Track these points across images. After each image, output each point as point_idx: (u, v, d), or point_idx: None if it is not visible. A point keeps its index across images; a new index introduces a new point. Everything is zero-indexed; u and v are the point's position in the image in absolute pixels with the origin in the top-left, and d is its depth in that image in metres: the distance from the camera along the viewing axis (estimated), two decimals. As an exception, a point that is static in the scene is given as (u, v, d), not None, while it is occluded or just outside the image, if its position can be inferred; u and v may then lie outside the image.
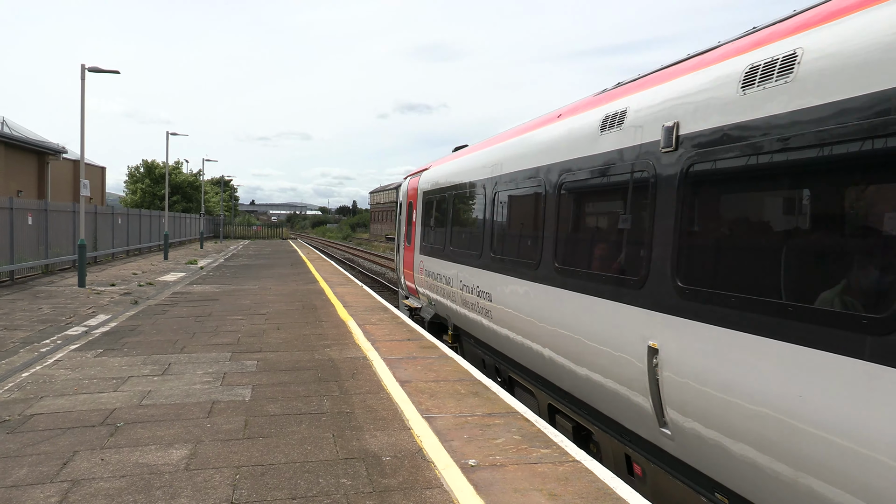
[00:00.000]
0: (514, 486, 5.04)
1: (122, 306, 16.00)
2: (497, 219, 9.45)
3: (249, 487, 5.03)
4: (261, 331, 12.18)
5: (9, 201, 21.47)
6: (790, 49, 4.18)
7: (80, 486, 5.01)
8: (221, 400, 7.47)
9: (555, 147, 7.52)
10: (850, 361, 3.49)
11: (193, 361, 9.47)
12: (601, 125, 6.43)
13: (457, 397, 7.56)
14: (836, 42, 3.84)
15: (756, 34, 4.84)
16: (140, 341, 11.00)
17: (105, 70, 22.10)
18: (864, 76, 3.57)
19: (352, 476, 5.27)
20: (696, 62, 5.40)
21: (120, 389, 7.88)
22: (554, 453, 5.76)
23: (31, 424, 6.52)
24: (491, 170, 9.77)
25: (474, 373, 8.79)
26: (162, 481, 5.12)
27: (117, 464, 5.48)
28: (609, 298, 5.91)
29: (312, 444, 6.01)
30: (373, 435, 6.27)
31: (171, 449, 5.85)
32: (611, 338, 5.85)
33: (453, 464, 5.48)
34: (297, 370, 8.98)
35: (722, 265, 4.73)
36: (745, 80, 4.49)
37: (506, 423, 6.62)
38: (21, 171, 32.94)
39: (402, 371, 8.85)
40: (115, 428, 6.43)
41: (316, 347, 10.60)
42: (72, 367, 9.01)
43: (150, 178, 65.62)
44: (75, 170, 39.19)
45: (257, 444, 6.00)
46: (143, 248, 40.55)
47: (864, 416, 3.40)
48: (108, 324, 12.95)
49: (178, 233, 52.75)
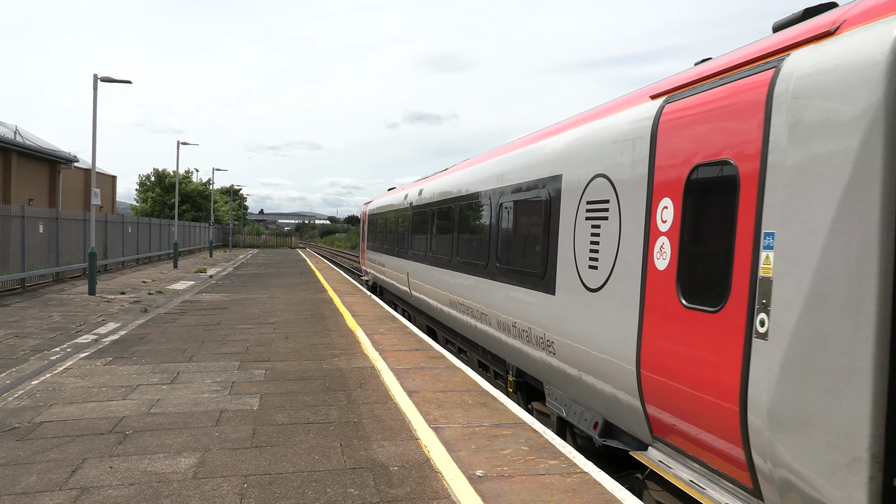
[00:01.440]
0: (521, 497, 5.02)
1: (131, 314, 16.08)
2: (396, 230, 19.07)
3: (257, 496, 5.04)
4: (269, 340, 12.21)
5: (20, 209, 21.66)
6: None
7: (89, 494, 5.03)
8: (230, 409, 7.49)
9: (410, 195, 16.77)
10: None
11: (202, 370, 9.50)
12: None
13: (465, 408, 7.55)
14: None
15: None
16: (149, 350, 11.04)
17: (117, 80, 22.30)
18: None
19: (359, 486, 5.26)
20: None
21: (129, 398, 7.91)
22: (562, 465, 5.73)
23: (41, 432, 6.56)
24: (404, 199, 18.22)
25: (482, 383, 8.77)
26: (170, 489, 5.14)
27: (126, 472, 5.50)
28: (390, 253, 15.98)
29: (320, 454, 6.01)
30: (380, 445, 6.27)
31: (180, 457, 5.87)
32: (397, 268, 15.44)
33: (461, 474, 5.46)
34: (305, 379, 8.99)
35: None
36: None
37: (514, 433, 6.60)
38: (33, 179, 33.24)
39: (409, 381, 8.84)
40: (123, 436, 6.45)
41: (324, 357, 10.61)
42: (81, 375, 9.05)
43: (160, 187, 66.04)
44: (86, 178, 39.50)
45: (265, 453, 6.01)
46: (153, 256, 40.77)
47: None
48: (118, 332, 13.01)
49: (187, 241, 53.01)
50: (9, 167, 30.53)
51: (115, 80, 22.26)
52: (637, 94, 6.26)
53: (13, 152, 30.88)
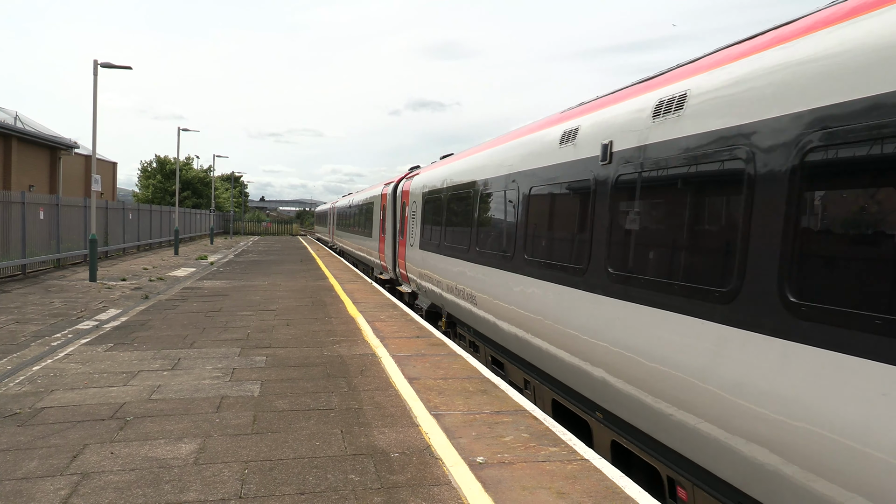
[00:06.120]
0: (521, 483, 5.03)
1: (132, 301, 16.09)
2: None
3: (258, 482, 5.04)
4: (270, 326, 12.21)
5: (21, 196, 21.62)
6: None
7: (90, 479, 5.04)
8: (230, 395, 7.49)
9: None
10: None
11: (203, 357, 9.51)
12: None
13: (465, 395, 7.55)
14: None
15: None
16: (150, 336, 11.05)
17: (118, 66, 22.19)
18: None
19: (360, 472, 5.27)
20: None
21: (130, 384, 7.91)
22: (562, 451, 5.74)
23: (42, 418, 6.56)
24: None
25: (483, 370, 8.78)
26: (171, 475, 5.14)
27: (127, 457, 5.50)
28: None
29: (321, 440, 6.02)
30: (381, 431, 6.27)
31: (181, 443, 5.87)
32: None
33: (461, 461, 5.47)
34: (306, 366, 8.99)
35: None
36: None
37: (514, 420, 6.60)
38: (33, 165, 33.17)
39: (410, 368, 8.85)
40: (124, 422, 6.46)
41: (325, 344, 10.61)
42: (82, 361, 9.06)
43: (161, 174, 65.96)
44: (87, 165, 39.40)
45: (266, 440, 6.01)
46: (154, 243, 40.77)
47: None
48: (119, 318, 13.02)
49: (188, 228, 52.99)
50: (9, 153, 30.47)
51: (116, 65, 22.15)
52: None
53: (13, 138, 30.80)
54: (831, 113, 3.81)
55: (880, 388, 3.36)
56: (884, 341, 3.37)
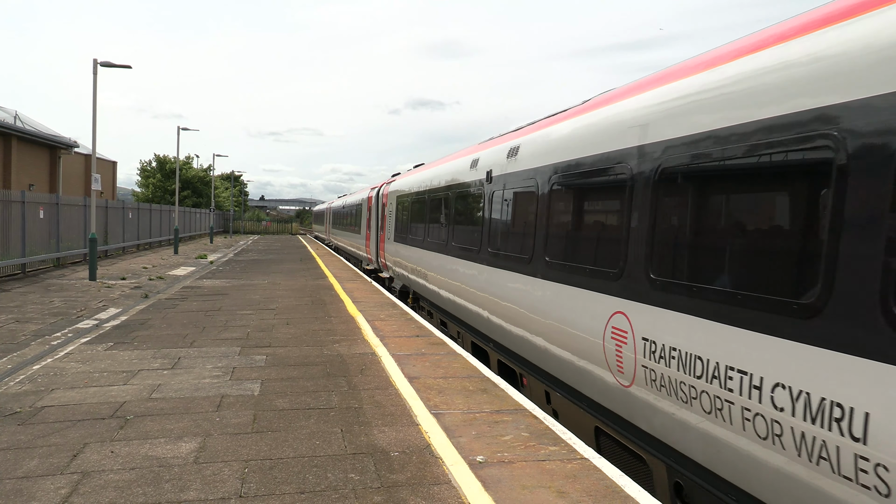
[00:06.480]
0: (521, 482, 5.03)
1: (132, 300, 16.09)
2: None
3: (258, 481, 5.05)
4: (270, 326, 12.22)
5: (21, 195, 21.62)
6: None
7: (90, 478, 5.04)
8: (230, 394, 7.50)
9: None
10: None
11: (203, 356, 9.52)
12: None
13: (465, 394, 7.56)
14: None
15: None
16: (150, 335, 11.06)
17: (117, 65, 22.18)
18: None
19: (360, 471, 5.28)
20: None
21: (130, 383, 7.92)
22: (562, 451, 5.74)
23: (42, 416, 6.57)
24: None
25: (483, 370, 8.78)
26: (171, 474, 5.15)
27: (127, 456, 5.51)
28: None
29: (321, 439, 6.02)
30: (381, 430, 6.28)
31: (181, 442, 5.88)
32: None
33: (461, 460, 5.47)
34: (306, 365, 9.00)
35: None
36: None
37: (514, 420, 6.61)
38: (33, 164, 33.17)
39: (410, 367, 8.85)
40: (124, 421, 6.46)
41: (325, 343, 10.62)
42: (82, 360, 9.06)
43: (161, 173, 65.96)
44: (87, 164, 39.42)
45: (266, 439, 6.02)
46: (154, 242, 40.77)
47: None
48: (119, 317, 13.02)
49: (188, 227, 53.00)
50: (9, 152, 30.47)
51: (116, 64, 22.15)
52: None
53: (13, 137, 30.80)
54: (559, 161, 7.47)
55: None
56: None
